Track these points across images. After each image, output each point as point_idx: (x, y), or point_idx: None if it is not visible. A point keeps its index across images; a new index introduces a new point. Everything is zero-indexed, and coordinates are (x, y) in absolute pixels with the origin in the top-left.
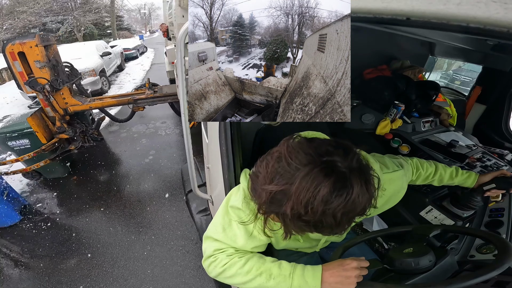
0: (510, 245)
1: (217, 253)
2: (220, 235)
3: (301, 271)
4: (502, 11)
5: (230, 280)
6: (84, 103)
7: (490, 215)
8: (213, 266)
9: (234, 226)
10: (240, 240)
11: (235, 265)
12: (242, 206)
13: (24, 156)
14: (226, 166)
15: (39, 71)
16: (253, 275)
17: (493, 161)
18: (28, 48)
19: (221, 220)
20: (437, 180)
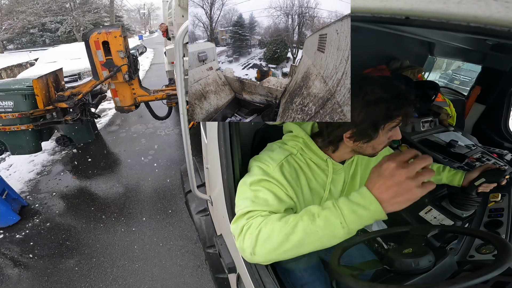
0: (510, 245)
1: (250, 220)
2: (250, 206)
3: (344, 198)
4: (503, 10)
5: (270, 241)
6: (150, 94)
7: (489, 215)
8: (248, 234)
9: (261, 194)
10: (271, 200)
11: (270, 220)
12: (263, 175)
13: (7, 115)
14: (225, 167)
15: (121, 61)
16: (293, 222)
17: (493, 161)
18: (113, 38)
19: (245, 198)
20: None
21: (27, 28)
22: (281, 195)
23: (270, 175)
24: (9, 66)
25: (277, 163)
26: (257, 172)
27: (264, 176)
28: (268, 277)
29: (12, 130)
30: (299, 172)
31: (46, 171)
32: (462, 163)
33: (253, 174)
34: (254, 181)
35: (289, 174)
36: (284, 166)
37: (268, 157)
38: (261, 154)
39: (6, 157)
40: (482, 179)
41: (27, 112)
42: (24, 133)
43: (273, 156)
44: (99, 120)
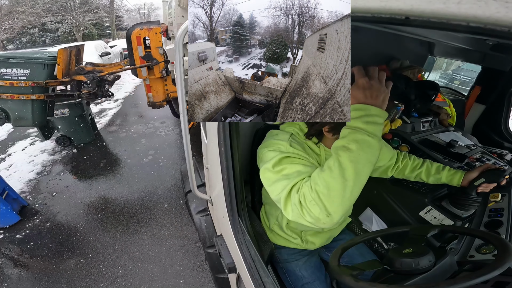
0: (510, 245)
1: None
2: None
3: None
4: (502, 10)
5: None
6: None
7: (489, 215)
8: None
9: (288, 169)
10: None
11: (316, 178)
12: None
13: (20, 83)
14: (225, 167)
15: (160, 57)
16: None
17: (493, 161)
18: (153, 34)
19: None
20: (424, 172)
21: (27, 28)
22: (305, 163)
23: (285, 151)
24: None
25: (286, 141)
26: (273, 155)
27: (282, 155)
28: (268, 277)
29: (21, 99)
30: (305, 147)
31: (46, 171)
32: (462, 163)
33: (270, 158)
34: (275, 162)
35: (299, 146)
36: (293, 142)
37: (275, 140)
38: (266, 141)
39: (6, 157)
40: (482, 179)
41: (42, 82)
42: (33, 103)
43: (279, 137)
44: (99, 120)
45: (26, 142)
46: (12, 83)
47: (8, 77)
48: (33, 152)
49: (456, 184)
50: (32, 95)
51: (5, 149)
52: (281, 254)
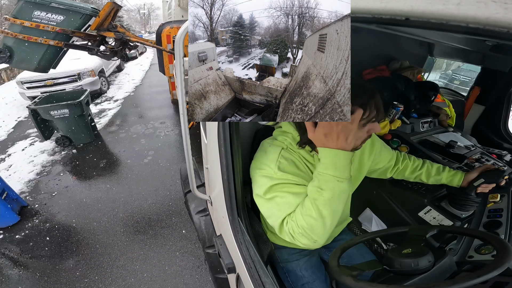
0: (509, 245)
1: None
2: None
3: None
4: (502, 11)
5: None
6: None
7: (488, 216)
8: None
9: (278, 200)
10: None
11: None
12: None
13: (46, 26)
14: (225, 167)
15: None
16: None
17: (492, 161)
18: None
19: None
20: (424, 173)
21: None
22: (295, 189)
23: (274, 177)
24: (8, 66)
25: (274, 164)
26: (262, 180)
27: (270, 182)
28: (268, 277)
29: (38, 42)
30: (296, 162)
31: (45, 172)
32: (462, 164)
33: (260, 184)
34: (266, 190)
35: (289, 167)
36: (282, 162)
37: (264, 160)
38: (257, 158)
39: (6, 157)
40: (481, 180)
41: (69, 30)
42: (47, 48)
43: (268, 158)
44: (99, 121)
45: (26, 142)
46: (38, 26)
47: (38, 20)
48: (33, 152)
49: (456, 185)
50: (52, 40)
51: (4, 150)
52: (282, 254)
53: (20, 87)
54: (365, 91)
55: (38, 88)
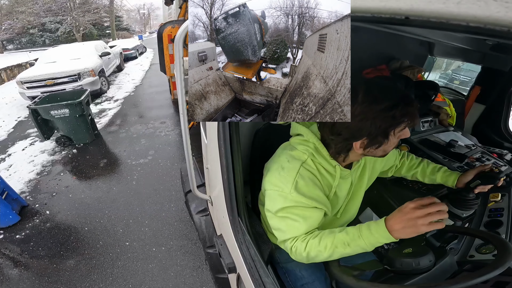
0: (510, 244)
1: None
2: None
3: (367, 229)
4: (502, 10)
5: (318, 259)
6: None
7: (489, 215)
8: (298, 255)
9: (289, 222)
10: (301, 225)
11: (312, 247)
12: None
13: None
14: (225, 167)
15: None
16: (331, 249)
17: (492, 161)
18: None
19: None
20: (420, 172)
21: (26, 28)
22: (307, 212)
23: (289, 199)
24: (8, 67)
25: (291, 184)
26: (276, 198)
27: (284, 203)
28: (268, 277)
29: None
30: (314, 180)
31: (46, 172)
32: (462, 163)
33: (273, 201)
34: (278, 209)
35: (306, 188)
36: (299, 183)
37: (281, 177)
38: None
39: (6, 157)
40: (478, 181)
41: None
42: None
43: (286, 176)
44: (99, 121)
45: (26, 142)
46: None
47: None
48: (33, 152)
49: (451, 186)
50: None
51: (5, 150)
52: (281, 254)
53: (20, 87)
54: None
55: (38, 88)
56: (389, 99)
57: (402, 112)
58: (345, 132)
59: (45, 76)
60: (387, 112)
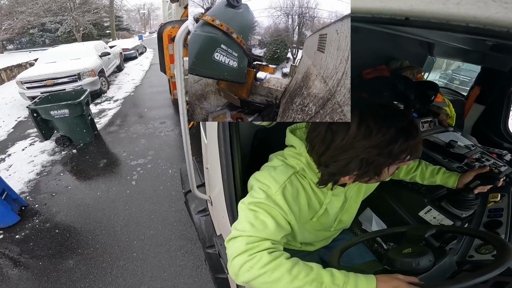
0: (509, 244)
1: (251, 248)
2: (249, 230)
3: (354, 281)
4: (502, 11)
5: (268, 286)
6: None
7: (489, 215)
8: (247, 266)
9: (261, 217)
10: (270, 226)
11: (281, 268)
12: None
13: None
14: (225, 167)
15: None
16: (301, 281)
17: (492, 161)
18: None
19: (244, 218)
20: (418, 175)
21: (26, 28)
22: (280, 221)
23: (272, 198)
24: (8, 67)
25: (279, 185)
26: (259, 194)
27: (265, 201)
28: None
29: None
30: (300, 192)
31: (46, 172)
32: (462, 163)
33: (254, 195)
34: (254, 202)
35: (291, 196)
36: (287, 188)
37: (271, 177)
38: (263, 171)
39: (6, 158)
40: (477, 182)
41: None
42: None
43: (276, 177)
44: (99, 121)
45: (26, 142)
46: None
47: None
48: (33, 152)
49: (451, 187)
50: None
51: (4, 150)
52: None
53: (20, 87)
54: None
55: (38, 88)
56: (385, 132)
57: (402, 148)
58: (332, 166)
59: (45, 76)
60: (382, 148)
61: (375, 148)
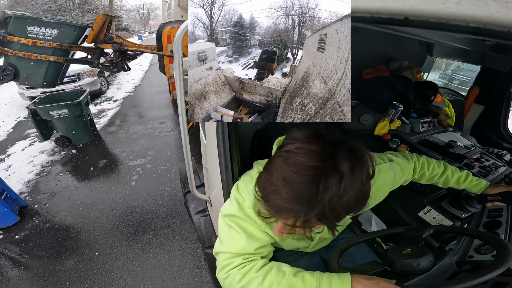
0: (509, 245)
1: (226, 264)
2: (222, 247)
3: (328, 283)
4: (502, 10)
5: None
6: None
7: (488, 216)
8: (227, 282)
9: (232, 232)
10: (241, 241)
11: (253, 283)
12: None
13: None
14: (224, 167)
15: None
16: None
17: (492, 161)
18: None
19: (221, 232)
20: (442, 182)
21: None
22: (255, 233)
23: (244, 212)
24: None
25: (252, 197)
26: (233, 206)
27: (238, 213)
28: None
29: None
30: None
31: (45, 172)
32: (461, 164)
33: (229, 206)
34: (228, 215)
35: None
36: None
37: (246, 189)
38: (241, 181)
39: (5, 158)
40: (498, 197)
41: (66, 45)
42: (49, 64)
43: (251, 189)
44: (98, 121)
45: (25, 142)
46: (35, 42)
47: (33, 35)
48: (32, 152)
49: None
50: (51, 56)
51: (4, 150)
52: (280, 254)
53: (19, 87)
54: None
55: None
56: None
57: None
58: None
59: None
60: None
61: None
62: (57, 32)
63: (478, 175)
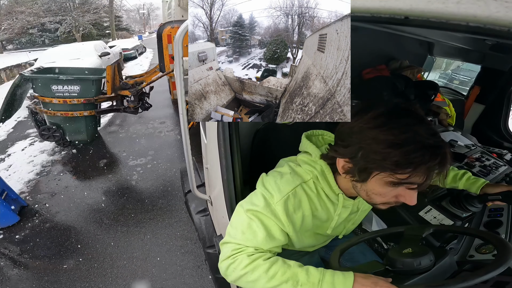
0: (509, 244)
1: (236, 253)
2: (239, 238)
3: (331, 277)
4: (502, 10)
5: (251, 285)
6: None
7: (489, 215)
8: (232, 268)
9: (254, 226)
10: (260, 237)
11: (259, 268)
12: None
13: (72, 100)
14: (225, 167)
15: None
16: (278, 281)
17: (492, 160)
18: None
19: (239, 225)
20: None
21: (26, 28)
22: (275, 232)
23: (271, 208)
24: (8, 67)
25: (282, 196)
26: (259, 201)
27: (263, 210)
28: None
29: (75, 116)
30: (304, 203)
31: (45, 172)
32: (462, 163)
33: (254, 200)
34: (252, 209)
35: (293, 208)
36: (290, 199)
37: (276, 185)
38: (269, 177)
39: (6, 158)
40: (498, 197)
41: (92, 98)
42: (85, 119)
43: (281, 186)
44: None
45: (26, 142)
46: (66, 101)
47: (61, 94)
48: (33, 152)
49: (474, 192)
50: (85, 111)
51: (4, 150)
52: (281, 254)
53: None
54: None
55: None
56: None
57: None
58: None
59: None
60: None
61: (377, 143)
62: (79, 88)
63: (479, 174)
